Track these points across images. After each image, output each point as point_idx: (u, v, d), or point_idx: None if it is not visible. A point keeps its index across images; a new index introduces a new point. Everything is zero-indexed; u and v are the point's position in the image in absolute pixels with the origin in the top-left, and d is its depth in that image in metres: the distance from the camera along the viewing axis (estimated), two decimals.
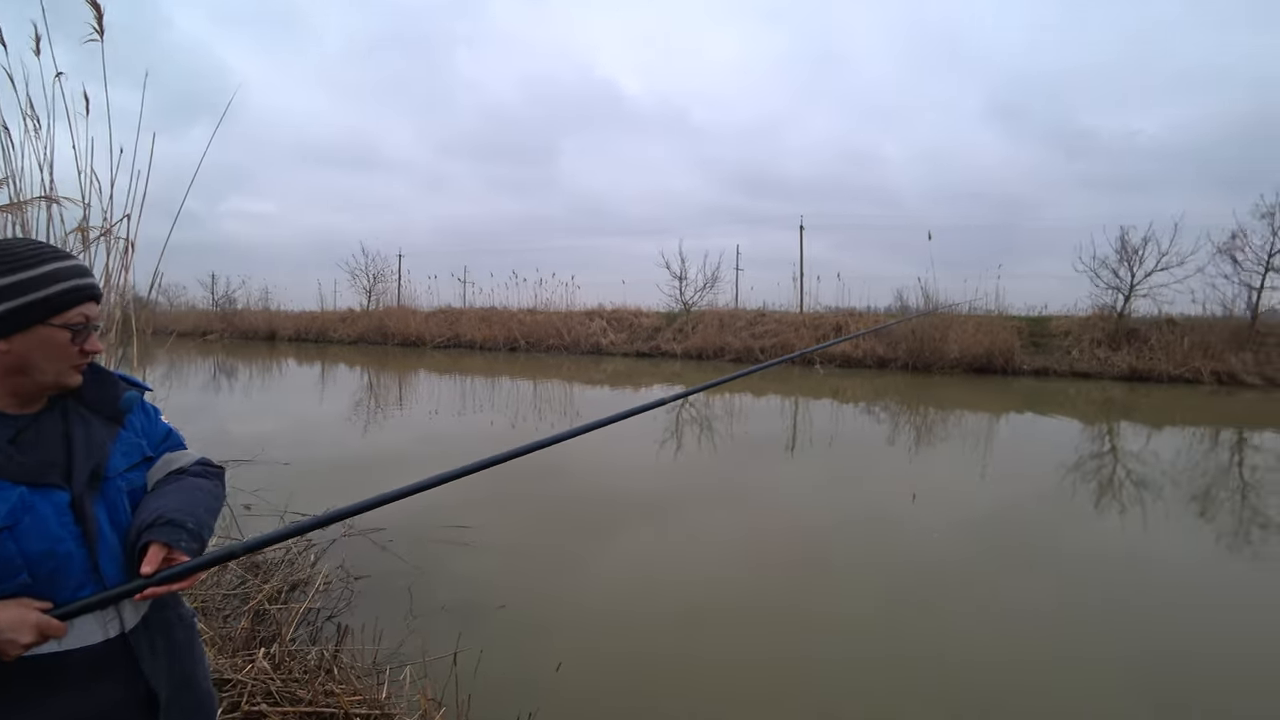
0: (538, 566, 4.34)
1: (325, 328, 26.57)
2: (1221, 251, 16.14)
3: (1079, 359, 16.07)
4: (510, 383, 14.53)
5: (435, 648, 2.95)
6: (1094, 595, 3.99)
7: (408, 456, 7.21)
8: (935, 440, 8.80)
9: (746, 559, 4.53)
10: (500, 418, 9.75)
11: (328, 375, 16.23)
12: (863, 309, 19.82)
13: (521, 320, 22.48)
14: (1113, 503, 5.94)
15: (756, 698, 2.93)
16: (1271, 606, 3.95)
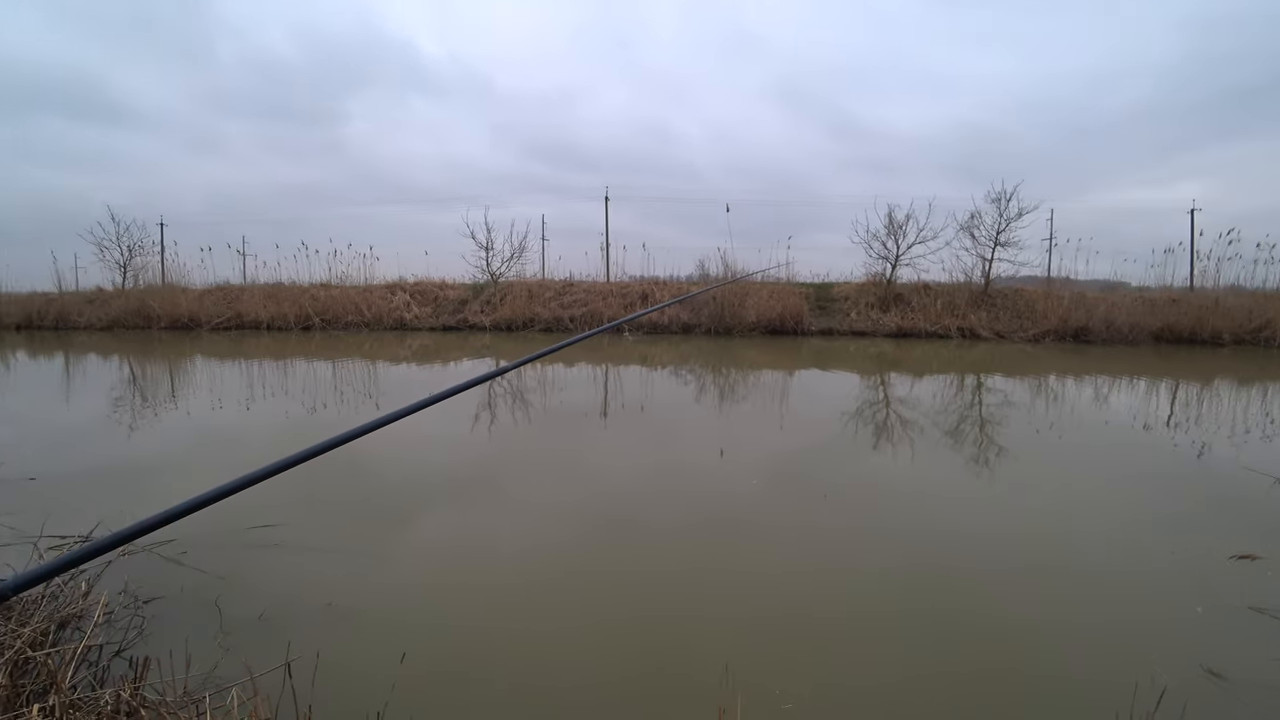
0: (361, 557, 3.95)
1: (66, 312, 22.04)
2: (963, 229, 18.86)
3: (856, 320, 17.95)
4: (306, 365, 13.24)
5: (262, 661, 2.59)
6: (875, 517, 4.44)
7: (191, 458, 6.28)
8: (738, 398, 9.32)
9: (569, 527, 4.47)
10: (297, 405, 8.82)
11: (75, 369, 13.63)
12: (667, 277, 20.53)
13: (315, 296, 20.45)
14: (886, 442, 6.65)
15: (602, 660, 2.89)
16: (1002, 508, 4.64)
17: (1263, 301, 16.63)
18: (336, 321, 19.59)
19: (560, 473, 5.73)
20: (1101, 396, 9.68)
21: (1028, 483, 5.39)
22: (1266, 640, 3.03)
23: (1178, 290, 18.54)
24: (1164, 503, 4.90)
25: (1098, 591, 3.51)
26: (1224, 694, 2.64)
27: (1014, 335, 16.78)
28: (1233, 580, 3.56)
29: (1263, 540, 4.00)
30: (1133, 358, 14.03)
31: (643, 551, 4.03)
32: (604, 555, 3.99)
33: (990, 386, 10.43)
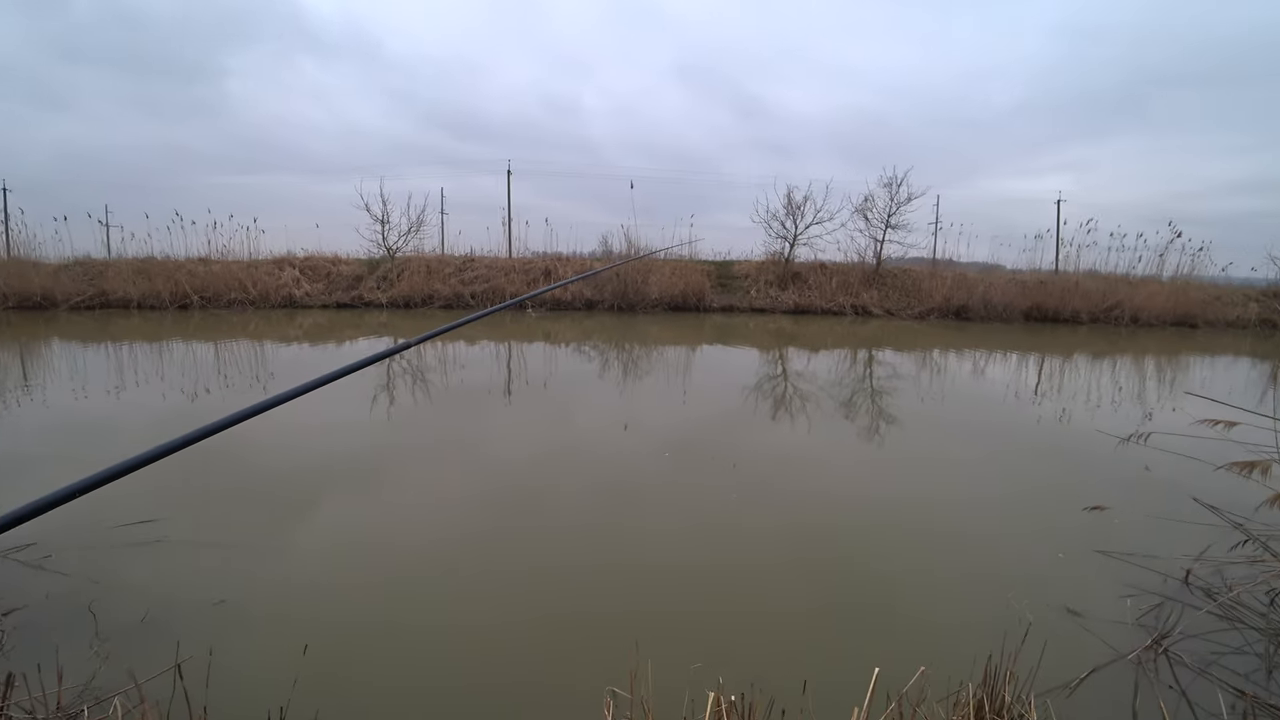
0: (254, 551, 3.72)
1: None
2: (857, 211, 19.64)
3: (756, 297, 18.43)
4: (184, 347, 12.27)
5: (148, 667, 2.40)
6: (775, 484, 4.62)
7: (51, 451, 5.72)
8: (641, 374, 9.40)
9: (473, 509, 4.39)
10: (176, 391, 8.16)
11: None
12: (570, 253, 20.34)
13: (193, 271, 18.80)
14: (785, 413, 6.89)
15: (510, 642, 2.87)
16: (890, 471, 4.92)
17: (1114, 284, 18.43)
18: (218, 299, 18.19)
19: (463, 453, 5.61)
20: (979, 369, 10.40)
21: (913, 448, 5.74)
22: (1114, 580, 3.36)
23: (1045, 273, 20.19)
24: (1029, 463, 5.35)
25: (971, 544, 3.80)
26: (1078, 627, 2.92)
27: (902, 313, 17.76)
28: (1085, 529, 3.93)
29: (1110, 493, 4.42)
30: (1006, 334, 15.16)
31: (549, 530, 4.02)
32: (510, 537, 3.94)
33: (881, 360, 10.99)
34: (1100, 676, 2.58)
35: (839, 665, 2.57)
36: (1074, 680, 2.53)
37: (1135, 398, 8.16)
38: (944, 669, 2.32)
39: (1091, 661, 2.66)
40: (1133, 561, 3.56)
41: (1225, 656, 2.74)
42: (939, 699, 2.03)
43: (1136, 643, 2.81)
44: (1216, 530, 3.86)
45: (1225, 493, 4.23)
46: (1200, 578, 3.39)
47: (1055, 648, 2.60)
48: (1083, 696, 2.45)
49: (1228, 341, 15.26)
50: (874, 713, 2.03)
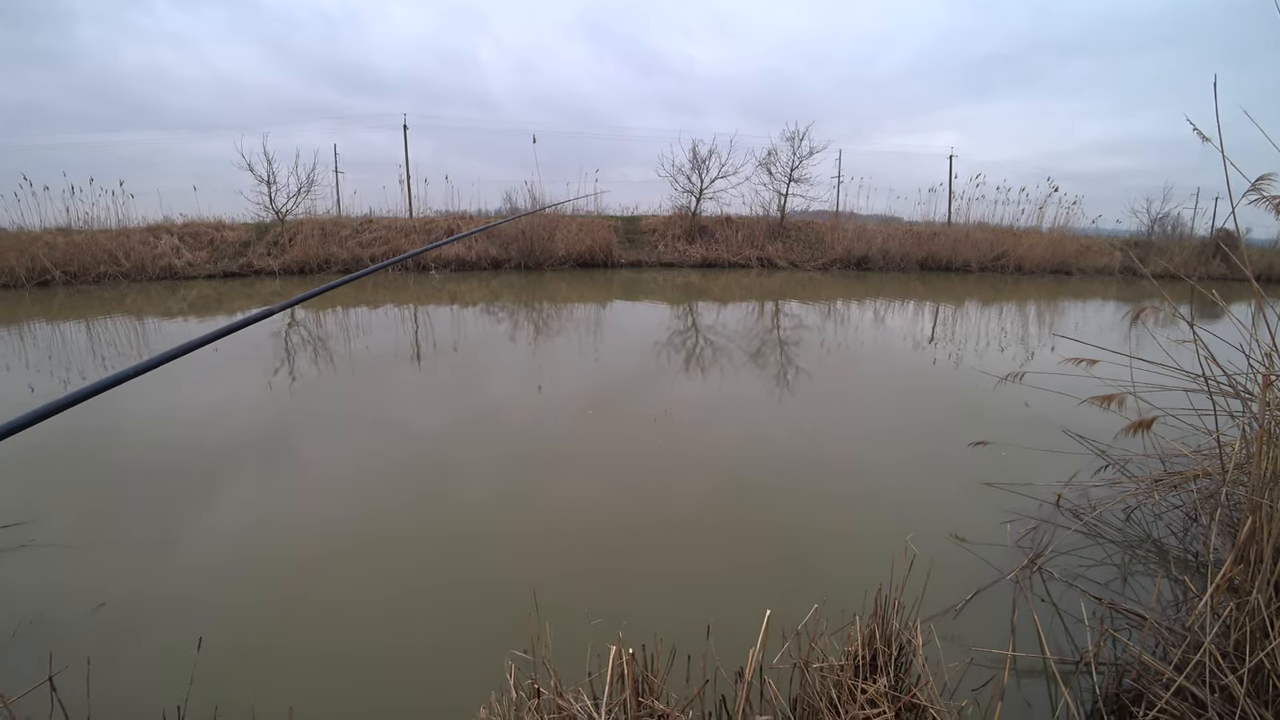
0: (137, 544, 3.47)
1: None
2: (761, 165, 19.90)
3: (664, 252, 18.51)
4: (49, 328, 11.19)
5: (19, 682, 2.19)
6: (691, 433, 4.71)
7: None
8: (552, 333, 9.32)
9: (385, 480, 4.28)
10: (45, 377, 7.45)
11: None
12: (474, 212, 19.75)
13: (51, 243, 16.97)
14: (696, 366, 7.01)
15: (420, 612, 2.82)
16: (797, 418, 5.12)
17: (1000, 236, 19.65)
18: (85, 274, 16.61)
19: (369, 423, 5.43)
20: (879, 318, 10.88)
21: (817, 395, 5.98)
22: (996, 508, 3.65)
23: (939, 225, 21.19)
24: (924, 404, 5.68)
25: (867, 481, 4.02)
26: (965, 553, 3.16)
27: (806, 264, 18.28)
28: (971, 462, 4.23)
29: (993, 429, 4.76)
30: (903, 283, 15.90)
31: (456, 498, 3.97)
32: (416, 507, 3.87)
33: (787, 312, 11.31)
34: (983, 597, 2.81)
35: (740, 610, 2.66)
36: (959, 603, 2.74)
37: (1018, 341, 8.78)
38: (839, 604, 2.46)
39: (975, 585, 2.89)
40: (1012, 490, 3.87)
41: (1090, 569, 3.04)
42: (833, 632, 2.15)
43: (1015, 563, 3.07)
44: (1083, 458, 4.24)
45: (1090, 424, 4.63)
46: (1070, 500, 3.72)
47: (943, 575, 2.80)
48: (966, 617, 2.66)
49: (1096, 287, 16.58)
50: (771, 652, 2.15)
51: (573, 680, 2.05)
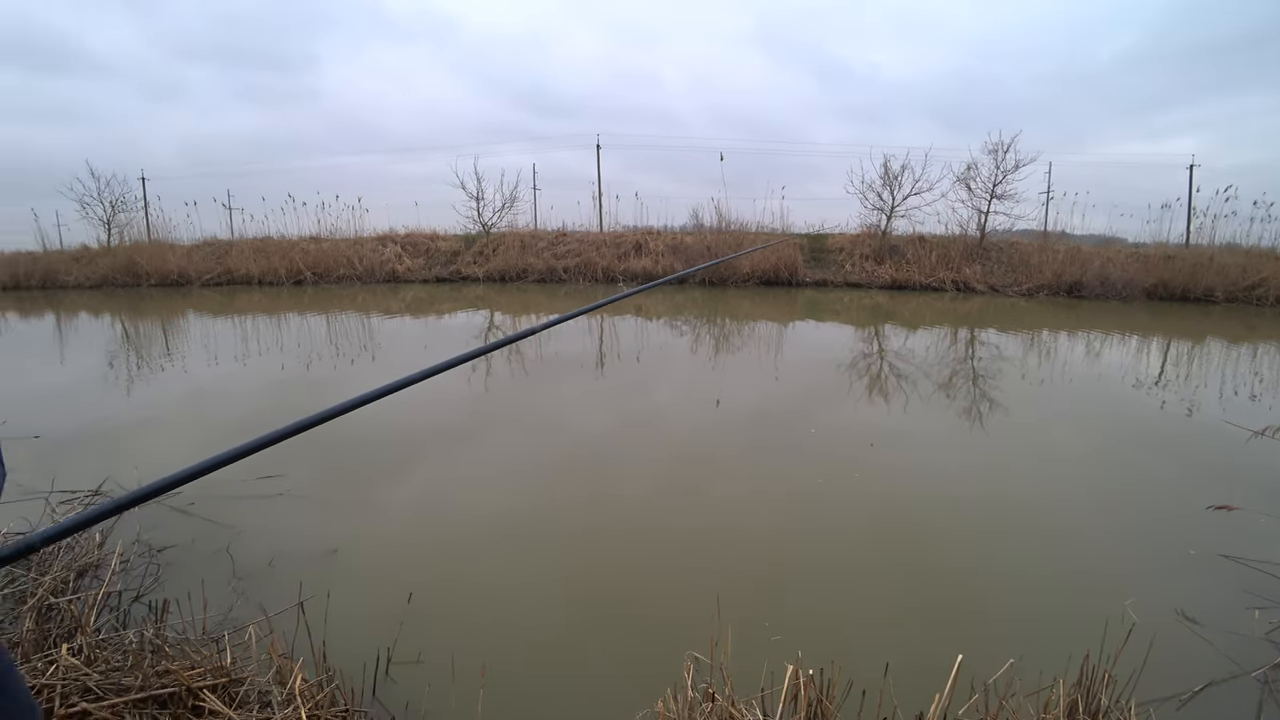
0: (363, 506, 4.08)
1: (53, 270, 21.02)
2: (959, 180, 18.59)
3: (851, 271, 17.92)
4: (299, 319, 13.17)
5: (274, 604, 2.71)
6: (867, 463, 4.55)
7: (190, 413, 6.34)
8: (733, 349, 9.39)
9: (568, 477, 4.58)
10: (292, 360, 8.83)
11: (67, 328, 13.52)
12: (660, 227, 20.32)
13: (305, 250, 20.06)
14: (878, 393, 6.74)
15: (600, 600, 3.01)
16: (993, 459, 4.75)
17: (1257, 259, 16.49)
18: (328, 275, 19.34)
19: (558, 423, 5.81)
20: (1093, 352, 9.78)
21: (1019, 435, 5.51)
22: (1238, 588, 3.16)
23: (1174, 247, 18.47)
24: (1149, 457, 5.03)
25: (1075, 538, 3.64)
26: (1195, 636, 2.77)
27: (1008, 289, 16.81)
28: (1207, 530, 3.69)
29: (1239, 492, 4.12)
30: (1125, 314, 14.11)
31: (639, 496, 4.14)
32: (605, 503, 4.11)
33: (983, 340, 10.51)
34: (1217, 691, 2.44)
35: (922, 651, 2.54)
36: (1185, 693, 2.41)
37: (1276, 388, 7.49)
38: (1036, 664, 2.26)
39: (1207, 674, 2.52)
40: (1261, 568, 3.33)
41: None
42: (1028, 694, 1.99)
43: (1264, 659, 2.64)
44: None
45: None
46: None
47: (1164, 655, 2.48)
48: (1194, 711, 2.34)
49: None
50: (957, 702, 2.03)
51: (746, 692, 2.08)
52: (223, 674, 2.29)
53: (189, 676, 2.20)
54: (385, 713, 2.29)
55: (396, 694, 2.39)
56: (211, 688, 2.20)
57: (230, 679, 2.27)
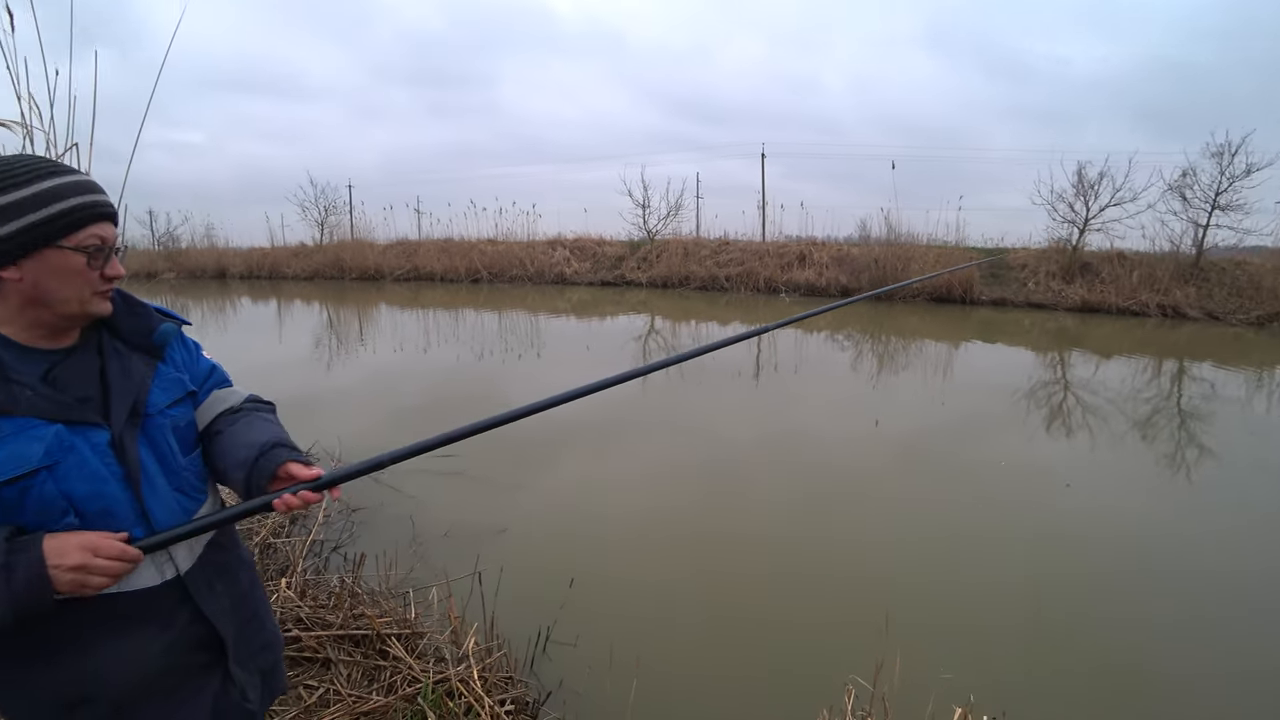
0: (530, 491, 4.46)
1: (278, 263, 25.02)
2: (1172, 189, 16.29)
3: (1034, 290, 16.45)
4: (474, 315, 14.32)
5: (449, 570, 3.04)
6: (1050, 504, 4.24)
7: (377, 392, 7.17)
8: (897, 368, 9.03)
9: (724, 482, 4.70)
10: (466, 351, 9.68)
11: (284, 312, 15.74)
12: (824, 238, 19.77)
13: (483, 251, 21.88)
14: (1059, 426, 6.22)
15: (766, 609, 3.10)
16: (1200, 517, 4.24)
17: None
18: (502, 275, 20.85)
19: (711, 429, 5.92)
20: None
21: (1237, 492, 4.85)
22: None
23: None
24: None
25: None
26: None
27: (1231, 316, 14.62)
28: None
29: None
30: None
31: (791, 512, 4.15)
32: (755, 511, 4.17)
33: (1195, 376, 9.29)
34: None
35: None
36: None
37: None
38: None
39: None
40: None
41: None
42: None
43: None
44: None
45: None
46: None
47: None
48: None
49: None
50: None
51: None
52: (407, 625, 2.63)
53: (380, 623, 2.55)
54: (542, 687, 2.50)
55: (551, 671, 2.59)
56: (397, 636, 2.53)
57: (413, 631, 2.60)
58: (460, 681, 2.25)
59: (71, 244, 0.94)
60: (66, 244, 0.93)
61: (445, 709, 2.14)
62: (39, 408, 0.92)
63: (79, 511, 0.94)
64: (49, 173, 0.94)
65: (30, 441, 0.90)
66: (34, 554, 0.87)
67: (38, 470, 0.90)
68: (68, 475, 0.93)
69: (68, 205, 0.93)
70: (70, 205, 0.94)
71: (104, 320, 1.04)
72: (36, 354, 0.97)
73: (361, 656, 2.47)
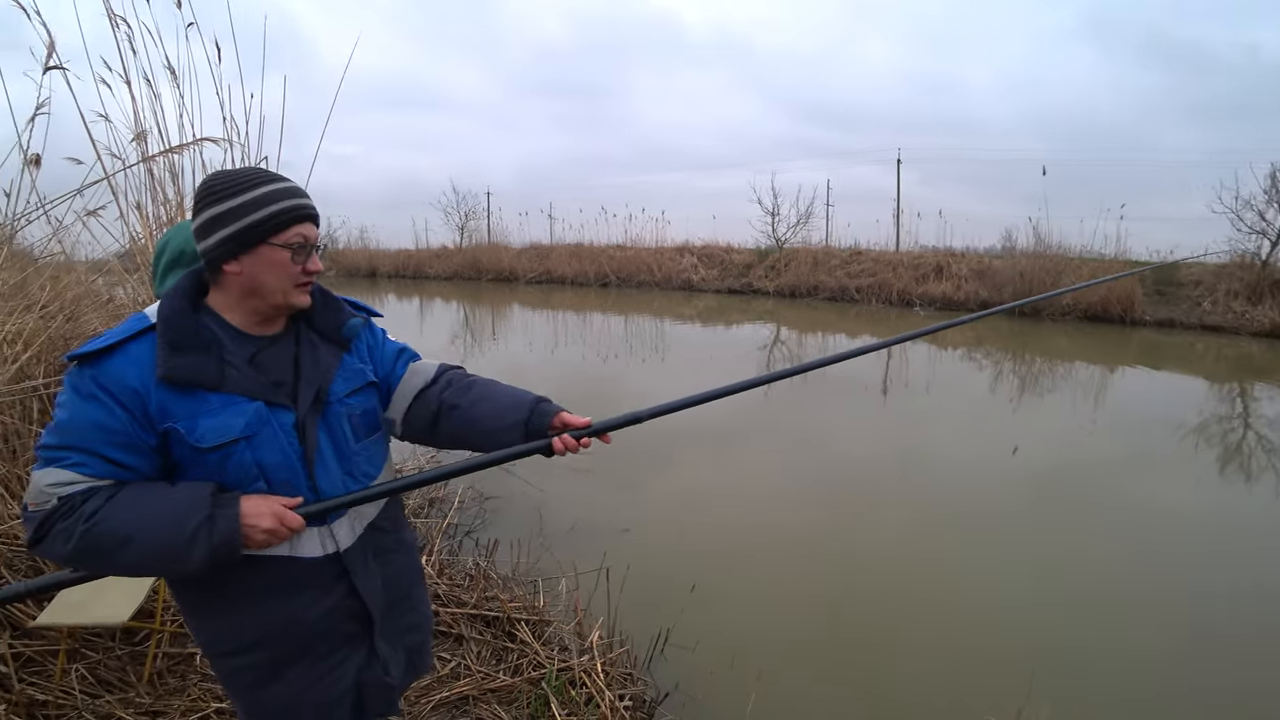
0: (653, 493, 4.63)
1: (421, 265, 27.38)
2: None
3: (1211, 311, 14.69)
4: (601, 318, 14.74)
5: (574, 565, 3.20)
6: (1210, 564, 3.82)
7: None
8: (1042, 391, 8.42)
9: (845, 499, 4.62)
10: (592, 353, 9.99)
11: (426, 309, 16.96)
12: (962, 249, 18.59)
13: (612, 256, 22.51)
14: (1236, 469, 5.57)
15: (883, 635, 3.03)
16: None
17: None
18: (630, 280, 21.30)
19: (835, 445, 5.81)
20: None
21: None
22: None
23: None
24: None
25: None
26: None
27: None
28: None
29: None
30: None
31: (920, 536, 4.02)
32: (878, 532, 4.07)
33: None
34: None
35: None
36: None
37: None
38: None
39: None
40: None
41: None
42: None
43: None
44: None
45: None
46: None
47: None
48: None
49: None
50: None
51: None
52: (535, 612, 2.79)
53: (510, 607, 2.72)
54: (659, 687, 2.56)
55: (668, 672, 2.66)
56: (526, 621, 2.68)
57: (540, 619, 2.75)
58: (584, 672, 2.36)
59: (280, 241, 1.09)
60: (276, 241, 1.08)
61: (567, 696, 2.25)
62: (243, 386, 1.08)
63: (268, 479, 1.08)
64: (264, 180, 1.10)
65: (235, 415, 1.06)
66: (233, 510, 1.02)
67: (238, 440, 1.06)
68: (262, 447, 1.08)
69: (279, 207, 1.08)
70: (281, 207, 1.08)
71: (303, 312, 1.19)
72: (248, 339, 1.13)
73: (491, 637, 2.64)
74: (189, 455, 1.05)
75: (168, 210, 3.38)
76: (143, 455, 1.04)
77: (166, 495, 1.02)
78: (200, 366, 1.04)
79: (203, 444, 1.04)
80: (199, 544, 0.98)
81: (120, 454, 1.01)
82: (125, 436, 1.01)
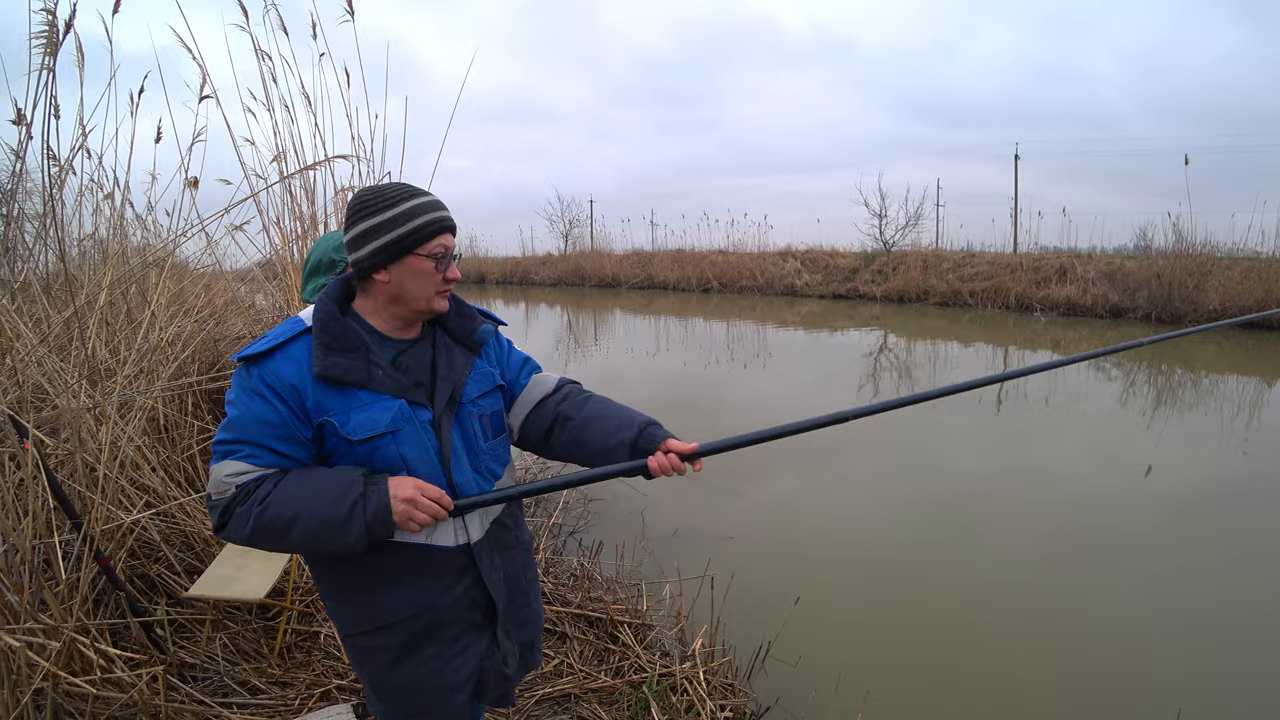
0: (756, 501, 4.60)
1: (527, 271, 28.59)
2: None
3: None
4: (703, 323, 14.74)
5: (674, 571, 3.24)
6: None
7: (607, 392, 7.71)
8: (1182, 406, 7.70)
9: (951, 518, 4.42)
10: (694, 358, 9.99)
11: (531, 315, 17.54)
12: (1089, 249, 17.18)
13: (713, 261, 22.47)
14: None
15: (996, 665, 2.92)
16: None
17: None
18: (732, 285, 21.15)
19: (945, 461, 5.57)
20: None
21: None
22: None
23: None
24: None
25: None
26: None
27: None
28: None
29: None
30: None
31: (1036, 566, 3.79)
32: (994, 558, 3.88)
33: None
34: None
35: None
36: None
37: None
38: None
39: None
40: None
41: None
42: None
43: None
44: None
45: None
46: None
47: None
48: None
49: None
50: None
51: None
52: (637, 616, 2.83)
53: (614, 610, 2.77)
54: (760, 700, 2.53)
55: (769, 686, 2.63)
56: (628, 624, 2.72)
57: (643, 623, 2.79)
58: (685, 679, 2.38)
59: (425, 251, 1.18)
60: (421, 251, 1.18)
61: (667, 702, 2.27)
62: (388, 385, 1.18)
63: (410, 471, 1.18)
64: (410, 194, 1.20)
65: (383, 411, 1.16)
66: (382, 486, 1.12)
67: (385, 434, 1.16)
68: (405, 441, 1.18)
69: (424, 220, 1.18)
70: (426, 220, 1.18)
71: (439, 318, 1.29)
72: (391, 342, 1.23)
73: (594, 637, 2.70)
74: (341, 446, 1.16)
75: (302, 224, 3.69)
76: (302, 446, 1.15)
77: (325, 477, 1.13)
78: (351, 366, 1.15)
79: (354, 436, 1.15)
80: (356, 518, 1.09)
81: (284, 445, 1.13)
82: (286, 430, 1.13)
